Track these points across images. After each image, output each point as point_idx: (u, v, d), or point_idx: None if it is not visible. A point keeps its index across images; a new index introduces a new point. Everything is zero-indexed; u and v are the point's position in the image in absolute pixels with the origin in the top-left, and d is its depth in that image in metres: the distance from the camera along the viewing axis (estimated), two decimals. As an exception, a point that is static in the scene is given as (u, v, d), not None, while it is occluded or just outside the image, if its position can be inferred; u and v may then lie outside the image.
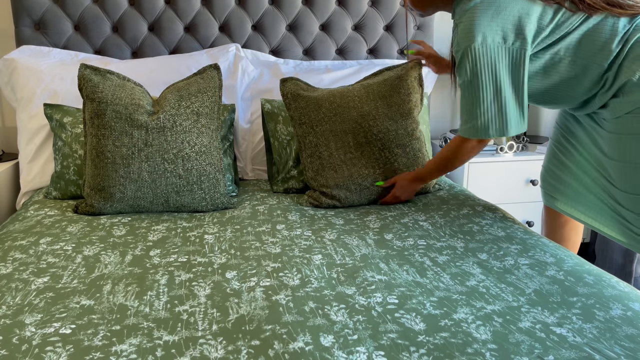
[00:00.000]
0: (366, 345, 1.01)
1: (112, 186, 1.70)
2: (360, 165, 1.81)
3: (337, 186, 1.80)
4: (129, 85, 1.80)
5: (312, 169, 1.85)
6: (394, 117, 1.85)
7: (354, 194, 1.81)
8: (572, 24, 1.42)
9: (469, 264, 1.38)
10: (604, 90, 1.46)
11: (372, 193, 1.83)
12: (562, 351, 1.00)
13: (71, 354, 0.97)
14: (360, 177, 1.80)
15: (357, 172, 1.81)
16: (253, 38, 2.36)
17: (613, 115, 1.46)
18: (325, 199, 1.81)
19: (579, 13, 1.42)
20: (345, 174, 1.80)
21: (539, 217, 2.48)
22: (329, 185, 1.81)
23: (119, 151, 1.69)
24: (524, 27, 1.41)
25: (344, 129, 1.83)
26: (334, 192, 1.80)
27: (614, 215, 1.57)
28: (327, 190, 1.81)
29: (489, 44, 1.41)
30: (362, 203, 1.85)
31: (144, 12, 2.26)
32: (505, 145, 2.42)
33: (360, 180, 1.81)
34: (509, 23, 1.41)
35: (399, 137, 1.85)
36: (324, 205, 1.82)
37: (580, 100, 1.53)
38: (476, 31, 1.41)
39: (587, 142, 1.63)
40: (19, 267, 1.34)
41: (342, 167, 1.80)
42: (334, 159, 1.81)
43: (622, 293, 1.22)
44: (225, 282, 1.27)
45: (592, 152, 1.62)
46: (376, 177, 1.81)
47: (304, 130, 1.86)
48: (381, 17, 2.43)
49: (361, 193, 1.82)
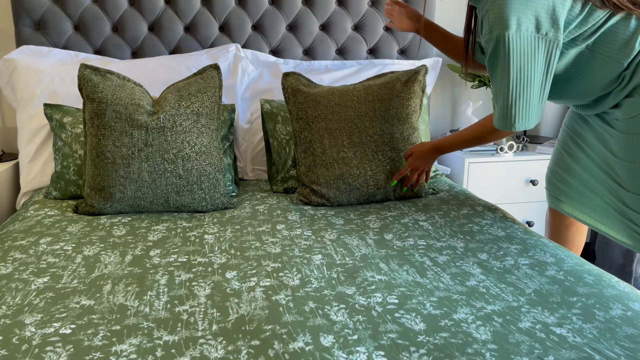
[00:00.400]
0: (366, 345, 1.01)
1: (112, 186, 1.70)
2: (352, 165, 1.81)
3: (327, 184, 1.81)
4: (129, 85, 1.80)
5: (304, 165, 1.86)
6: (390, 121, 1.85)
7: (343, 194, 1.82)
8: (597, 19, 1.39)
9: (469, 264, 1.38)
10: (620, 89, 1.44)
11: (361, 194, 1.83)
12: (562, 351, 1.00)
13: (71, 354, 0.97)
14: (350, 177, 1.81)
15: (348, 171, 1.81)
16: (253, 38, 2.36)
17: (626, 115, 1.44)
18: (315, 197, 1.82)
19: (604, 9, 1.40)
20: (336, 173, 1.81)
21: (539, 217, 2.48)
22: (320, 182, 1.82)
23: (119, 151, 1.69)
24: (559, 15, 1.34)
25: (339, 128, 1.83)
26: (323, 190, 1.81)
27: (621, 217, 1.56)
28: (317, 188, 1.82)
29: (522, 33, 1.34)
30: (352, 202, 1.85)
31: (144, 12, 2.26)
32: (505, 145, 2.42)
33: (350, 180, 1.81)
34: (543, 10, 1.34)
35: (394, 141, 1.84)
36: (313, 203, 1.83)
37: (594, 98, 1.50)
38: (510, 17, 1.33)
39: (595, 143, 1.62)
40: (19, 267, 1.34)
41: (334, 165, 1.81)
42: (326, 156, 1.82)
43: (622, 293, 1.22)
44: (225, 282, 1.27)
45: (600, 154, 1.60)
46: (366, 179, 1.81)
47: (300, 126, 1.87)
48: (381, 17, 2.43)
49: (350, 193, 1.82)
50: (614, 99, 1.47)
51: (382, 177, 1.83)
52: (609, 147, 1.56)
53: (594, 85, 1.47)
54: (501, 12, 1.35)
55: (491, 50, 1.39)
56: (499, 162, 2.39)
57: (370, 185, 1.82)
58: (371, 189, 1.83)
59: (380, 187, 1.84)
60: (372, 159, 1.82)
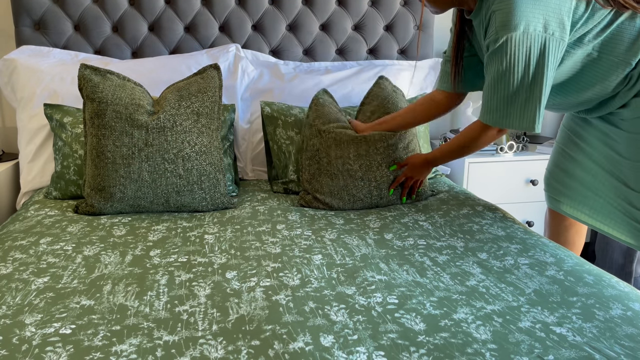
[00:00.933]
0: (366, 345, 1.01)
1: (112, 186, 1.70)
2: (356, 177, 1.81)
3: (331, 194, 1.81)
4: (129, 85, 1.80)
5: (309, 172, 1.86)
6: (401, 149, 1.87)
7: (346, 204, 1.82)
8: (602, 18, 1.38)
9: (469, 263, 1.38)
10: (627, 89, 1.43)
11: (364, 204, 1.83)
12: (562, 350, 1.00)
13: (71, 354, 0.97)
14: (355, 189, 1.81)
15: (353, 183, 1.81)
16: (253, 38, 2.36)
17: (634, 115, 1.43)
18: (317, 204, 1.82)
19: (609, 8, 1.39)
20: (340, 184, 1.81)
21: (539, 217, 2.48)
22: (323, 191, 1.82)
23: (119, 151, 1.69)
24: (564, 15, 1.35)
25: (348, 140, 1.82)
26: (326, 199, 1.81)
27: (625, 218, 1.55)
28: (321, 196, 1.82)
29: (530, 33, 1.34)
30: (355, 209, 1.85)
31: (144, 12, 2.26)
32: (505, 145, 2.42)
33: (354, 192, 1.81)
34: (550, 10, 1.34)
35: (398, 151, 1.85)
36: (315, 208, 1.83)
37: (600, 101, 1.50)
38: (518, 19, 1.33)
39: (597, 143, 1.61)
40: (19, 267, 1.34)
41: (339, 177, 1.81)
42: (331, 167, 1.82)
43: (622, 293, 1.22)
44: (225, 282, 1.27)
45: (604, 154, 1.59)
46: (370, 190, 1.81)
47: (311, 133, 1.87)
48: (381, 17, 2.43)
49: (354, 204, 1.82)
50: (621, 99, 1.46)
51: (385, 187, 1.83)
52: (613, 147, 1.55)
53: (602, 88, 1.45)
54: (510, 13, 1.35)
55: (495, 50, 1.39)
56: (499, 162, 2.39)
57: (374, 195, 1.82)
58: (374, 199, 1.83)
59: (383, 197, 1.84)
60: (377, 170, 1.82)
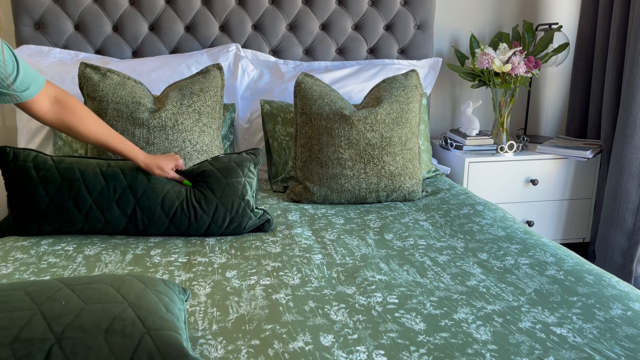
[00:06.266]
0: (366, 344, 1.01)
1: (112, 186, 1.69)
2: (346, 167, 1.81)
3: (320, 182, 1.82)
4: (130, 83, 1.80)
5: (301, 159, 1.88)
6: (390, 124, 1.86)
7: (334, 193, 1.83)
8: None
9: (469, 263, 1.38)
10: None
11: (352, 196, 1.84)
12: (562, 352, 1.00)
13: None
14: (343, 178, 1.81)
15: (342, 172, 1.81)
16: (253, 38, 2.36)
17: None
18: (307, 195, 1.85)
19: None
20: (329, 172, 1.81)
21: (539, 217, 2.49)
22: (313, 179, 1.83)
23: (119, 151, 1.69)
24: None
25: (339, 127, 1.83)
26: (314, 188, 1.83)
27: None
28: (310, 185, 1.83)
29: None
30: (342, 203, 1.86)
31: (144, 11, 2.26)
32: (506, 145, 2.41)
33: (343, 182, 1.82)
34: None
35: (392, 144, 1.84)
36: (303, 202, 1.85)
37: None
38: None
39: None
40: (19, 267, 1.34)
41: (329, 164, 1.81)
42: (322, 154, 1.82)
43: (622, 293, 1.22)
44: (225, 280, 1.27)
45: None
46: (359, 181, 1.82)
47: (302, 120, 1.88)
48: (381, 17, 2.43)
49: (342, 194, 1.83)
50: None
51: (374, 180, 1.83)
52: None
53: None
54: None
55: None
56: (499, 162, 2.39)
57: (362, 188, 1.83)
58: (363, 192, 1.84)
59: (372, 190, 1.84)
60: (368, 162, 1.82)
